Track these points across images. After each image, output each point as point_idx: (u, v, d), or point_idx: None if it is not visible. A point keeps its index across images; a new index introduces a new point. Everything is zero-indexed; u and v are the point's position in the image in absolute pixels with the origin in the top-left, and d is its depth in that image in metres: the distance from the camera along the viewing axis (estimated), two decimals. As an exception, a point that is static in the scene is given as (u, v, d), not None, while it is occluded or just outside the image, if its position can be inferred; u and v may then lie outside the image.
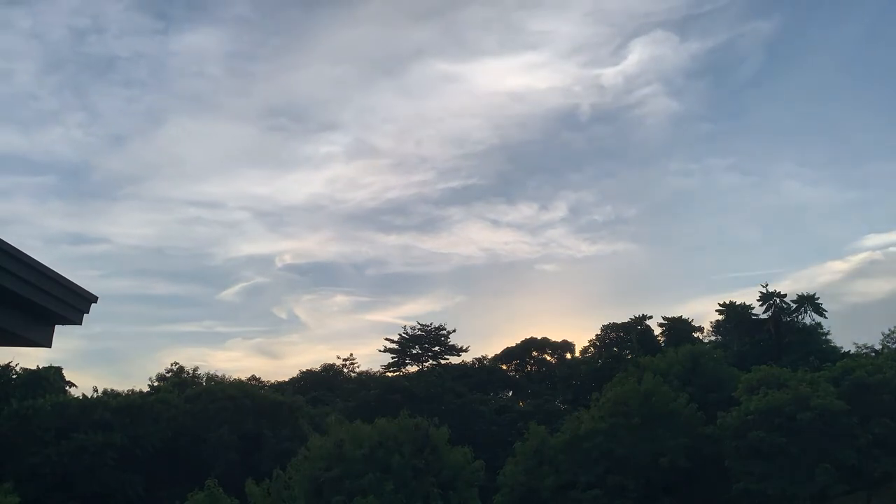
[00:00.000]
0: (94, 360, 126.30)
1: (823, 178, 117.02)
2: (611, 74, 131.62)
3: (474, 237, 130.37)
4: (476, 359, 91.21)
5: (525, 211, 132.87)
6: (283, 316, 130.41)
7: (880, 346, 70.16)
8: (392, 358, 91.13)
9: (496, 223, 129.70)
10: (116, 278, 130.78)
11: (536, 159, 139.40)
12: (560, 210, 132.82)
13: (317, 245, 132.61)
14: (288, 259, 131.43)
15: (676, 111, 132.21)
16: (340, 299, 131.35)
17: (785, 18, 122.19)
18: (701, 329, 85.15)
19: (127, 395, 70.56)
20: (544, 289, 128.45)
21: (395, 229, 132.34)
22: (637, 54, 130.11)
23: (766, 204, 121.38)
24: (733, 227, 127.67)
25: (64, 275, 6.22)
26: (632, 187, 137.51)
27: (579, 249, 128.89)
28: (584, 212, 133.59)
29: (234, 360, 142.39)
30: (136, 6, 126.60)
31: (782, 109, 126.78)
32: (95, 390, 71.45)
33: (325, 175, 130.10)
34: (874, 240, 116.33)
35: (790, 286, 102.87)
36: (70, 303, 6.81)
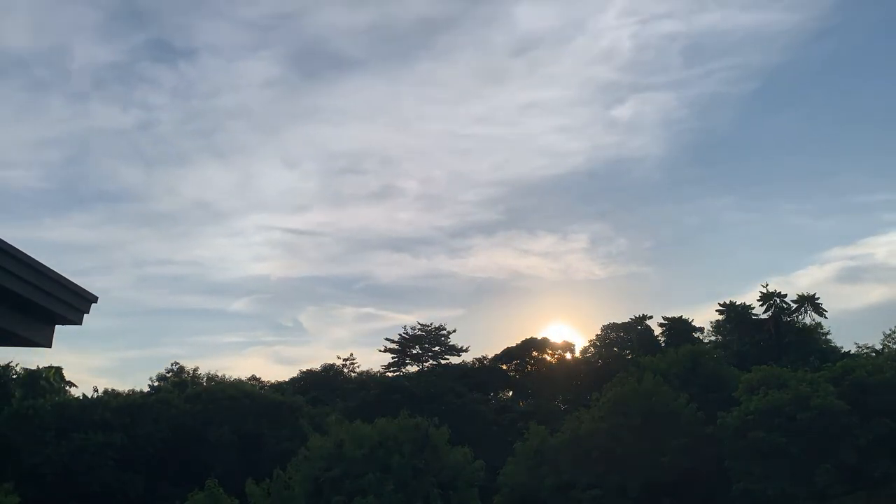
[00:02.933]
0: (141, 368, 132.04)
1: (801, 209, 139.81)
2: (609, 123, 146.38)
3: (500, 262, 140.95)
4: (476, 359, 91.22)
5: (547, 240, 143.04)
6: (308, 324, 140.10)
7: (881, 346, 70.17)
8: (392, 358, 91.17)
9: (523, 251, 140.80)
10: (183, 294, 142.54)
11: (549, 199, 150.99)
12: (580, 242, 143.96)
13: (351, 265, 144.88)
14: (325, 275, 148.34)
15: (673, 159, 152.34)
16: (363, 310, 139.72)
17: (763, 84, 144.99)
18: (701, 329, 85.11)
19: (127, 395, 70.57)
20: (551, 297, 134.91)
21: (423, 254, 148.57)
22: (632, 108, 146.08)
23: (762, 233, 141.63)
24: (733, 251, 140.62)
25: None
26: (642, 224, 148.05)
27: (593, 273, 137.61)
28: (601, 243, 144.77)
29: (258, 366, 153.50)
30: (281, 67, 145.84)
31: (761, 157, 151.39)
32: (95, 390, 71.59)
33: (363, 212, 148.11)
34: (838, 252, 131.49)
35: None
36: (70, 303, 6.81)
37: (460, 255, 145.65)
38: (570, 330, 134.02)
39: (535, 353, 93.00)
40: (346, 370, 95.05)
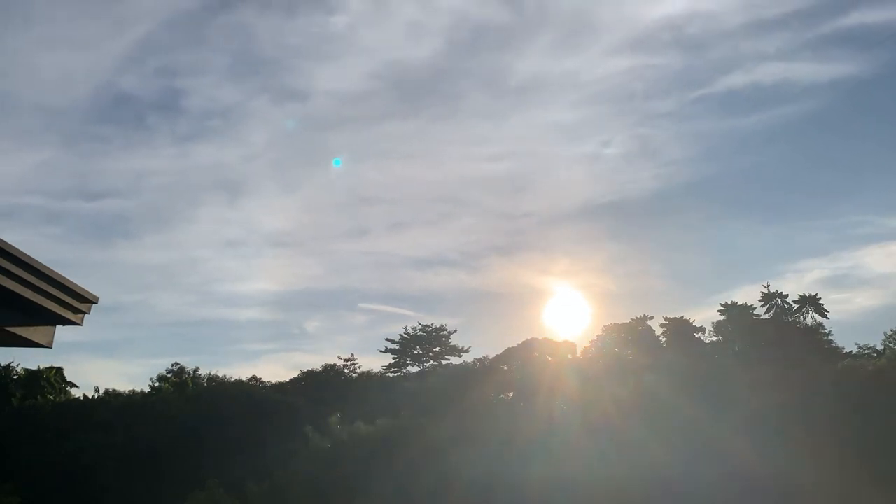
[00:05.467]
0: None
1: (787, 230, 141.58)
2: (605, 158, 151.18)
3: (520, 281, 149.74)
4: (477, 359, 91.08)
5: (564, 262, 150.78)
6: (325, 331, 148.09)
7: (882, 347, 70.02)
8: (393, 358, 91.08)
9: (540, 271, 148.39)
10: (231, 308, 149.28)
11: (565, 225, 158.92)
12: (596, 262, 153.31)
13: (380, 281, 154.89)
14: (345, 288, 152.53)
15: (680, 189, 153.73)
16: (380, 308, 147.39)
17: (754, 124, 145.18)
18: (703, 329, 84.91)
19: (127, 395, 70.59)
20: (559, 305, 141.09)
21: (446, 273, 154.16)
22: (622, 147, 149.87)
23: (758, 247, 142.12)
24: (728, 260, 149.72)
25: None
26: (652, 246, 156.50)
27: (608, 289, 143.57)
28: (616, 263, 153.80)
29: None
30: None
31: (753, 188, 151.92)
32: (96, 390, 71.63)
33: (395, 239, 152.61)
34: (807, 263, 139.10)
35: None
36: (70, 304, 6.76)
37: (478, 272, 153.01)
38: (573, 332, 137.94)
39: (535, 354, 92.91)
40: (346, 370, 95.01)
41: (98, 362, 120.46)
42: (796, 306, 78.37)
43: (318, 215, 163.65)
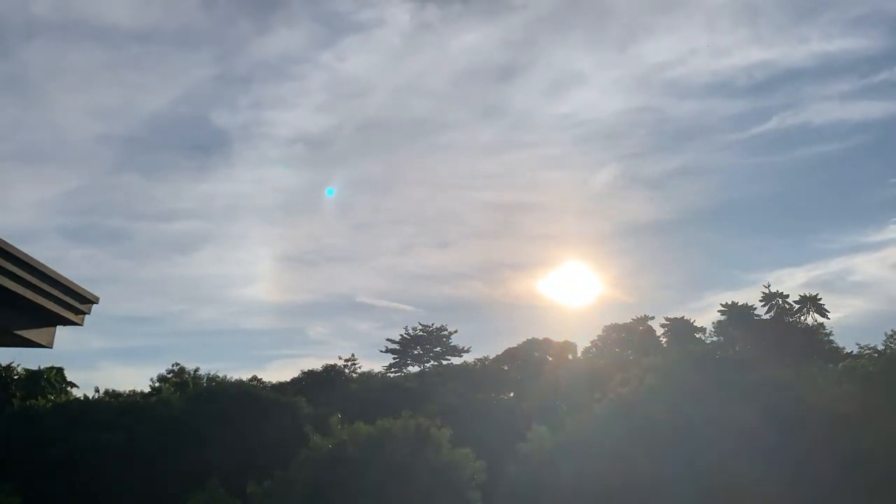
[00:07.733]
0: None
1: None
2: (607, 185, 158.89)
3: (530, 292, 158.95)
4: (477, 359, 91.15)
5: (577, 277, 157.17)
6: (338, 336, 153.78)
7: (882, 347, 69.92)
8: (393, 358, 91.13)
9: (551, 284, 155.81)
10: (251, 317, 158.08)
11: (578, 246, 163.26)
12: (610, 276, 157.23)
13: (399, 291, 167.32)
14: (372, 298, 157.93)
15: (688, 214, 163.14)
16: (395, 305, 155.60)
17: (744, 157, 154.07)
18: (703, 329, 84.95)
19: (128, 395, 70.59)
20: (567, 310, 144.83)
21: (464, 286, 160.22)
22: (611, 173, 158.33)
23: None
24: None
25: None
26: (661, 263, 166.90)
27: (621, 300, 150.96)
28: (629, 278, 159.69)
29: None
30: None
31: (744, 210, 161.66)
32: (97, 391, 71.66)
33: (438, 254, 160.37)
34: (783, 271, 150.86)
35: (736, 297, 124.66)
36: (71, 303, 6.75)
37: (492, 285, 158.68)
38: (576, 333, 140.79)
39: (536, 354, 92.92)
40: (347, 370, 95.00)
41: (130, 369, 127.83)
42: (797, 306, 78.42)
43: (343, 233, 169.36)
